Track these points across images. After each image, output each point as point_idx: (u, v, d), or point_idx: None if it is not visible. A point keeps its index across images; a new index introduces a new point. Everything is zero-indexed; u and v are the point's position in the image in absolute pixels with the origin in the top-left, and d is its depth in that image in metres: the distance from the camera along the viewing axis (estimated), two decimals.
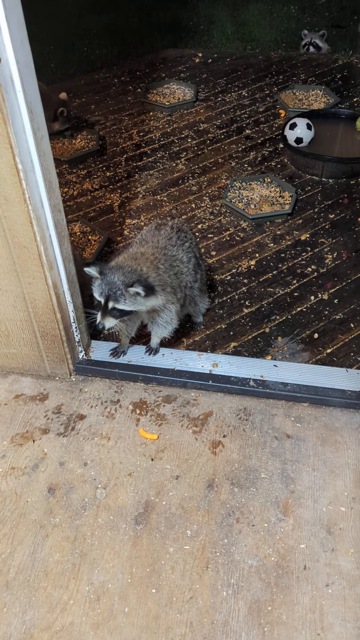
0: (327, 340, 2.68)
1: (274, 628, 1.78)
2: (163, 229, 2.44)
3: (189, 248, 2.45)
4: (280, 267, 3.07)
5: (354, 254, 3.13)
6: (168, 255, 2.34)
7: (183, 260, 2.40)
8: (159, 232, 2.42)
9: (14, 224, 1.99)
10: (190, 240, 2.48)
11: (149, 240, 2.38)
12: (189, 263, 2.43)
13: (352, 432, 2.28)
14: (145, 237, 2.42)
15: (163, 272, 2.27)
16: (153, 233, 2.43)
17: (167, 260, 2.32)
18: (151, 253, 2.29)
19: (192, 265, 2.45)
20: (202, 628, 1.79)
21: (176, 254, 2.38)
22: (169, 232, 2.42)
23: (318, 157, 3.59)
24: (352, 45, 5.05)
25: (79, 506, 2.09)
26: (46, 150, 1.93)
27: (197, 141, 4.05)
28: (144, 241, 2.40)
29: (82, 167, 3.87)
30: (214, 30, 5.49)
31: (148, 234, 2.44)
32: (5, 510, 2.09)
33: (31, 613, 1.84)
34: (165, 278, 2.27)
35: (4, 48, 1.63)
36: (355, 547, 1.95)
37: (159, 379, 2.48)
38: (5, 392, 2.48)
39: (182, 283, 2.40)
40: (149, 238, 2.40)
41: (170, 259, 2.34)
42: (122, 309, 2.13)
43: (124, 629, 1.79)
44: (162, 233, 2.41)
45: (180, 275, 2.38)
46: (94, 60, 5.12)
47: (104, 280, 2.11)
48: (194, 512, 2.05)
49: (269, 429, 2.30)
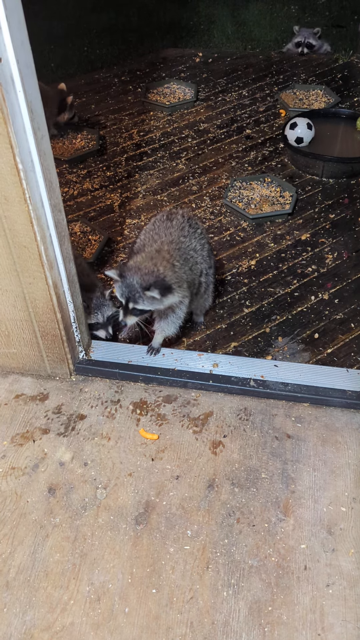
0: (327, 340, 2.68)
1: (275, 628, 1.78)
2: (175, 219, 2.47)
3: (201, 234, 2.49)
4: (281, 267, 3.07)
5: (354, 253, 3.13)
6: (182, 248, 2.38)
7: (197, 249, 2.44)
8: (171, 224, 2.45)
9: (14, 224, 1.99)
10: (201, 227, 2.53)
11: (162, 234, 2.41)
12: (202, 250, 2.48)
13: (353, 432, 2.28)
14: (157, 230, 2.45)
15: (179, 269, 2.32)
16: (165, 225, 2.46)
17: (182, 255, 2.36)
18: (166, 250, 2.33)
19: (207, 252, 2.52)
20: (203, 628, 1.78)
21: (190, 244, 2.42)
22: (180, 222, 2.45)
23: (318, 156, 3.59)
24: (352, 45, 5.05)
25: (79, 506, 2.09)
26: (46, 149, 1.93)
27: (197, 141, 4.05)
28: (156, 235, 2.42)
29: (83, 167, 3.87)
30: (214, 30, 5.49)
31: (161, 226, 2.46)
32: (5, 510, 2.08)
33: (31, 613, 1.84)
34: (181, 275, 2.32)
35: (4, 48, 1.63)
36: (355, 548, 1.95)
37: (159, 379, 2.48)
38: (6, 392, 2.48)
39: (197, 273, 2.44)
40: (162, 231, 2.43)
41: (185, 252, 2.38)
42: (141, 309, 2.25)
43: (124, 629, 1.79)
44: (174, 224, 2.45)
45: (195, 266, 2.43)
46: (94, 60, 5.11)
47: (124, 283, 2.22)
48: (194, 512, 2.05)
49: (270, 429, 2.30)
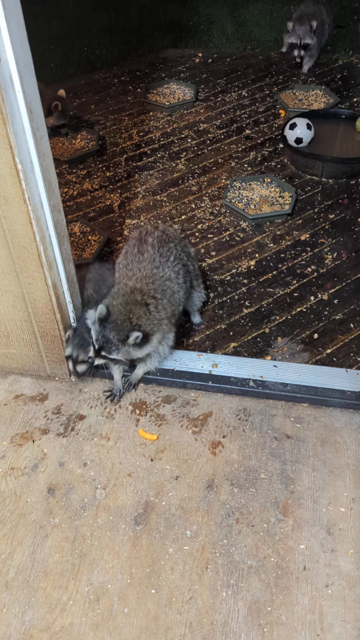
0: (327, 341, 2.68)
1: (274, 629, 1.78)
2: (146, 252, 2.34)
3: (174, 261, 2.37)
4: (280, 268, 3.07)
5: (353, 254, 3.13)
6: (157, 282, 2.28)
7: (171, 278, 2.34)
8: (143, 257, 2.33)
9: (14, 224, 1.99)
10: (174, 251, 2.39)
11: (135, 269, 2.31)
12: (177, 277, 2.36)
13: (352, 432, 2.28)
14: (130, 265, 2.33)
15: (154, 309, 2.23)
16: (137, 258, 2.34)
17: (157, 289, 2.27)
18: (139, 289, 2.24)
19: (182, 278, 2.39)
20: (202, 628, 1.78)
21: (164, 274, 2.32)
22: (151, 254, 2.33)
23: (318, 157, 3.59)
24: (352, 45, 5.04)
25: (79, 506, 2.09)
26: (46, 150, 1.93)
27: (197, 141, 4.05)
28: (130, 271, 2.31)
29: (82, 167, 3.86)
30: (214, 30, 5.48)
31: (133, 260, 2.34)
32: (4, 510, 2.09)
33: (30, 613, 1.84)
34: (158, 315, 2.24)
35: (3, 48, 1.63)
36: (354, 548, 1.95)
37: (158, 380, 2.48)
38: (5, 393, 2.48)
39: (176, 303, 2.36)
40: (134, 266, 2.32)
41: (159, 285, 2.29)
42: (114, 358, 2.22)
43: (123, 629, 1.79)
44: (145, 257, 2.33)
45: (173, 296, 2.33)
46: (94, 60, 5.11)
47: (101, 330, 2.16)
48: (193, 513, 2.05)
49: (269, 429, 2.30)
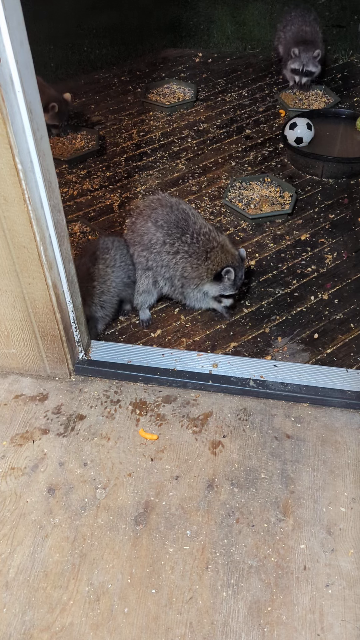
0: (327, 341, 2.68)
1: (274, 628, 1.78)
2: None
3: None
4: (280, 267, 3.07)
5: (354, 254, 3.13)
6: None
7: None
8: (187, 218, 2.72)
9: (14, 224, 1.99)
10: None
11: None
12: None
13: (352, 432, 2.28)
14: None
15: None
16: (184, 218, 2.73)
17: None
18: None
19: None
20: (202, 628, 1.78)
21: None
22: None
23: (318, 157, 3.59)
24: (352, 45, 5.05)
25: (79, 506, 2.09)
26: (46, 150, 1.93)
27: (197, 141, 4.05)
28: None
29: (82, 167, 3.86)
30: (214, 30, 5.48)
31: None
32: (5, 510, 2.09)
33: (31, 613, 1.84)
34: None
35: (3, 48, 1.63)
36: (355, 548, 1.95)
37: (158, 379, 2.48)
38: (5, 392, 2.48)
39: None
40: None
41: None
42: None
43: (123, 629, 1.79)
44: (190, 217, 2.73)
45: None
46: (94, 60, 5.11)
47: None
48: (193, 513, 2.05)
49: (269, 429, 2.30)
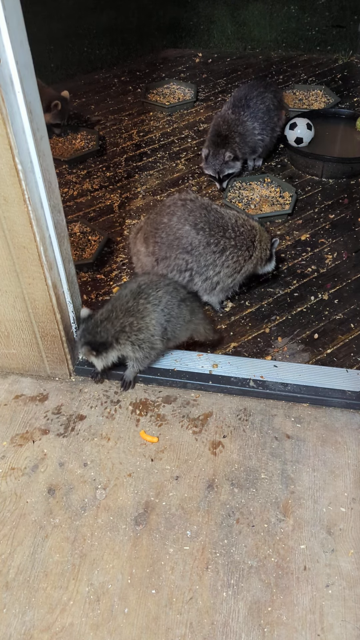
0: (327, 341, 2.68)
1: (274, 629, 1.78)
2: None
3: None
4: (280, 267, 3.07)
5: (354, 254, 3.13)
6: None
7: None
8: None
9: (14, 225, 1.99)
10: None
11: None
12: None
13: (352, 432, 2.28)
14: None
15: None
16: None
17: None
18: None
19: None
20: (202, 629, 1.78)
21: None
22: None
23: (318, 157, 3.59)
24: (352, 45, 5.05)
25: (79, 507, 2.09)
26: (46, 150, 1.93)
27: (197, 141, 4.05)
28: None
29: (82, 167, 3.87)
30: (214, 30, 5.49)
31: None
32: (5, 510, 2.08)
33: (31, 614, 1.84)
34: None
35: (3, 49, 1.63)
36: (355, 548, 1.95)
37: (158, 380, 2.48)
38: (5, 393, 2.48)
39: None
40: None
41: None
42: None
43: (123, 629, 1.79)
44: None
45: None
46: (94, 60, 5.11)
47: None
48: (193, 513, 2.05)
49: (269, 429, 2.30)
